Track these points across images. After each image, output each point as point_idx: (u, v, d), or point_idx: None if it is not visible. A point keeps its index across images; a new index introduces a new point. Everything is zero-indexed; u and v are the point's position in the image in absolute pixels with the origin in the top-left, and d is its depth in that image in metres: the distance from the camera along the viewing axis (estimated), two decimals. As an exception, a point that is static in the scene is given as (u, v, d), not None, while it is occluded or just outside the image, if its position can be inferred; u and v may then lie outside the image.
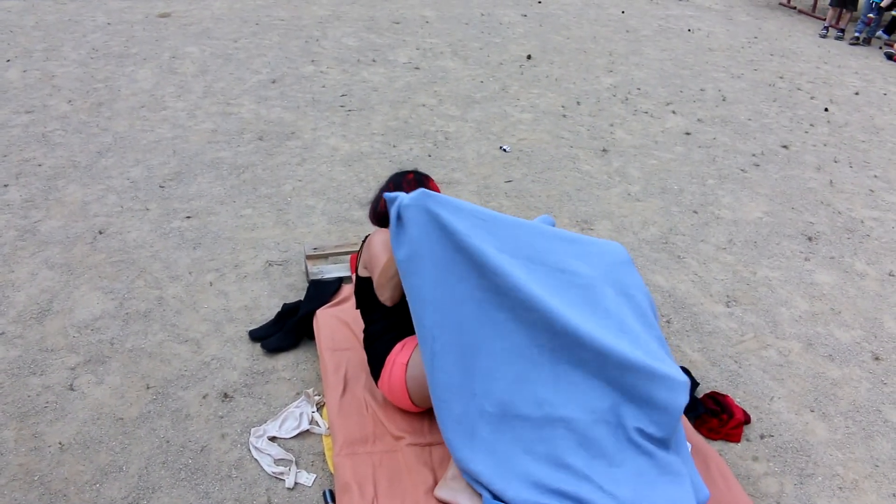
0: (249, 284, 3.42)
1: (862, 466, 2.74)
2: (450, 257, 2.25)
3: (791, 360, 3.27)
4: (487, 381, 2.23)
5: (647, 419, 2.18)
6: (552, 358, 2.22)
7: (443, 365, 2.23)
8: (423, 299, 2.26)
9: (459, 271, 2.24)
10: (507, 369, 2.23)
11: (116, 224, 3.80)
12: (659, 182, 4.84)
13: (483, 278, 2.23)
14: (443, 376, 2.23)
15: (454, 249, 2.24)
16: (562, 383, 2.22)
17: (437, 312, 2.24)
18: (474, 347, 2.23)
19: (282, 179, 4.39)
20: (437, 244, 2.25)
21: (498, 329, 2.23)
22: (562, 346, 2.21)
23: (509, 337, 2.23)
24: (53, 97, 5.29)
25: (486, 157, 4.97)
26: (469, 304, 2.24)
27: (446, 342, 2.23)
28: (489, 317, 2.24)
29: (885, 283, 3.92)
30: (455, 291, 2.24)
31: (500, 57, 7.16)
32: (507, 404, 2.22)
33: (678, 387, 2.18)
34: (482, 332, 2.24)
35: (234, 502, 2.36)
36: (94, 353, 2.94)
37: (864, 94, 7.14)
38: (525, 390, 2.22)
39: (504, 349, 2.23)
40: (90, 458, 2.48)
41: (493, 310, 2.24)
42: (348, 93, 5.83)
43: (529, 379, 2.22)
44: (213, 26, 7.24)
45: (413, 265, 2.28)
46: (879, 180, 5.18)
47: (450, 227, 2.24)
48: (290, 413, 2.69)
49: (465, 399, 2.23)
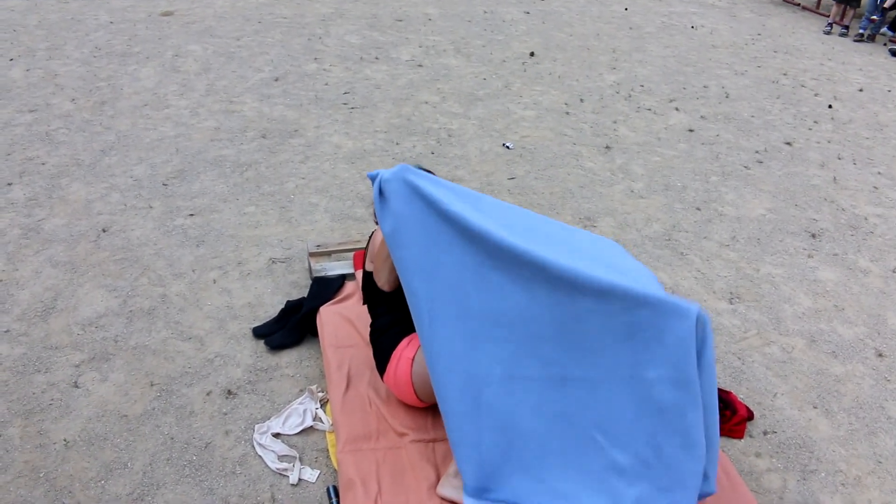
0: (253, 282, 3.43)
1: (865, 462, 2.74)
2: (435, 225, 2.21)
3: (794, 357, 3.27)
4: (490, 344, 2.19)
5: (662, 360, 2.04)
6: (553, 313, 2.13)
7: (441, 333, 2.20)
8: (413, 269, 2.23)
9: (446, 238, 2.20)
10: (509, 330, 2.17)
11: (120, 222, 3.81)
12: (662, 179, 4.83)
13: (471, 243, 2.17)
14: (443, 345, 2.20)
15: (438, 217, 2.20)
16: (566, 339, 2.14)
17: (428, 281, 2.21)
18: (472, 311, 2.19)
19: (285, 177, 4.40)
20: (420, 213, 2.22)
21: (494, 291, 2.16)
22: (562, 300, 2.10)
23: (509, 297, 2.16)
24: (56, 96, 5.30)
25: (489, 154, 4.97)
26: (461, 268, 2.19)
27: (442, 311, 2.20)
28: (485, 279, 2.17)
29: (888, 280, 3.91)
30: (444, 258, 2.20)
31: (503, 54, 7.15)
32: (513, 365, 2.18)
33: (688, 314, 2.02)
34: (479, 296, 2.18)
35: (239, 498, 2.37)
36: (98, 350, 2.95)
37: (868, 90, 7.12)
38: (530, 350, 2.17)
39: (503, 310, 2.17)
40: (95, 455, 2.49)
41: (487, 272, 2.17)
42: (351, 90, 5.84)
43: (533, 338, 2.16)
44: (215, 24, 7.25)
45: (399, 237, 2.26)
46: (883, 177, 5.17)
47: (431, 197, 2.20)
48: (294, 410, 2.70)
49: (469, 364, 2.20)
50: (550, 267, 2.07)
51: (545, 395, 2.17)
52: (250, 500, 2.37)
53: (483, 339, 2.19)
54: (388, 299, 2.58)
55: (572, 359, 2.14)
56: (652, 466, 2.08)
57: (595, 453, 2.15)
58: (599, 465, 2.14)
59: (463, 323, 2.20)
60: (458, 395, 2.19)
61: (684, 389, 2.03)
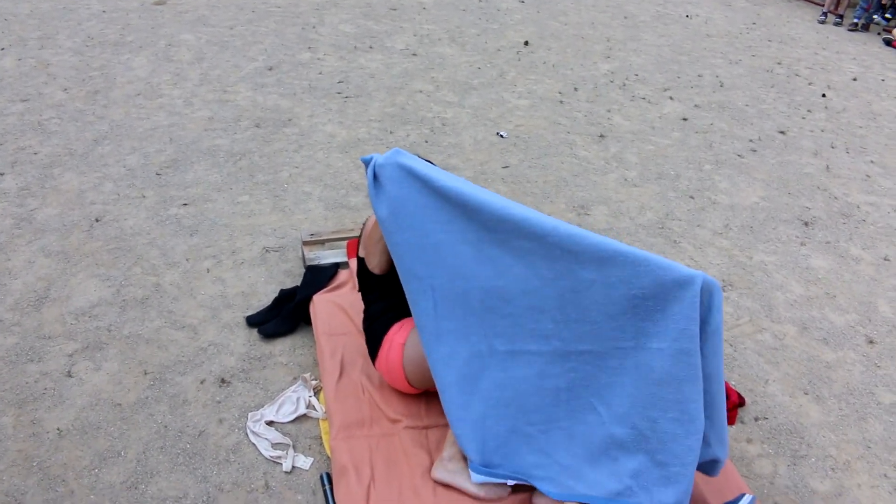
0: (246, 271, 3.43)
1: (854, 448, 2.76)
2: (432, 203, 2.20)
3: (786, 344, 3.29)
4: (494, 319, 2.19)
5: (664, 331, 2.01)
6: (554, 287, 2.11)
7: (447, 312, 2.21)
8: (413, 252, 2.23)
9: (444, 216, 2.19)
10: (510, 305, 2.17)
11: (113, 212, 3.81)
12: (656, 167, 4.84)
13: (470, 219, 2.16)
14: (449, 323, 2.21)
15: (434, 196, 2.19)
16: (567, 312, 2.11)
17: (430, 262, 2.21)
18: (474, 287, 2.19)
19: (279, 166, 4.40)
20: (416, 194, 2.21)
21: (496, 266, 2.16)
22: (562, 272, 2.08)
23: (508, 272, 2.15)
24: (49, 85, 5.28)
25: (483, 143, 4.97)
26: (461, 246, 2.18)
27: (446, 289, 2.21)
28: (485, 255, 2.16)
29: (879, 268, 3.93)
30: (443, 237, 2.19)
31: (498, 43, 7.14)
32: (515, 339, 2.19)
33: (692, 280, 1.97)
34: (481, 272, 2.17)
35: (232, 486, 2.38)
36: (91, 339, 2.96)
37: (861, 79, 7.13)
38: (531, 324, 2.16)
39: (504, 285, 2.16)
40: (88, 444, 2.49)
41: (486, 247, 2.16)
42: (345, 79, 5.82)
43: (534, 311, 2.15)
44: (208, 14, 7.22)
45: (397, 220, 2.25)
46: (876, 166, 5.18)
47: (426, 176, 2.19)
48: (288, 398, 2.71)
49: (473, 341, 2.21)
50: (550, 235, 2.05)
51: (547, 368, 2.18)
52: (244, 488, 2.38)
53: (485, 314, 2.20)
54: (382, 285, 2.58)
55: (573, 332, 2.13)
56: (649, 440, 2.09)
57: (597, 427, 2.16)
58: (600, 438, 2.15)
59: (465, 300, 2.20)
60: (459, 373, 2.21)
61: (683, 362, 2.01)
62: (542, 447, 2.21)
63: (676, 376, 2.02)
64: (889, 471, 2.68)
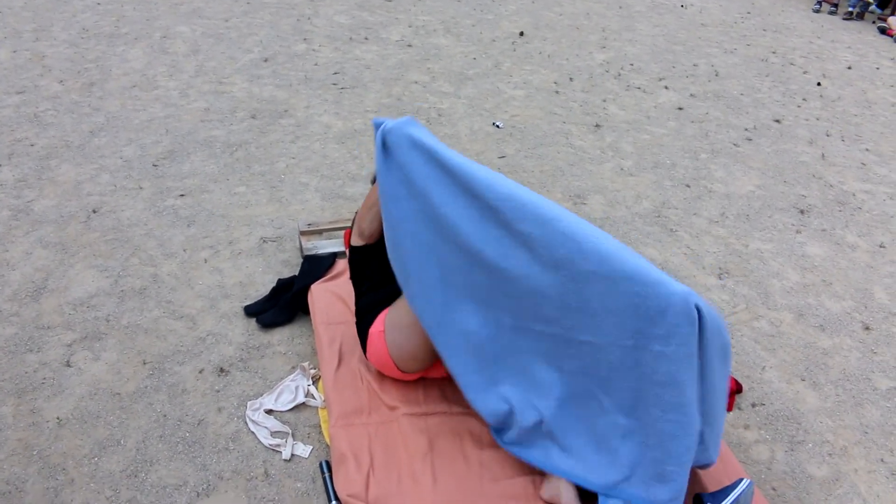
0: (244, 261, 3.43)
1: (851, 433, 2.78)
2: (438, 178, 2.19)
3: (782, 331, 3.30)
4: (498, 296, 2.20)
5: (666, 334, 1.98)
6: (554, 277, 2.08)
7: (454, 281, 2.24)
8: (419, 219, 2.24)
9: (450, 192, 2.18)
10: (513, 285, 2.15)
11: (110, 203, 3.80)
12: (652, 157, 4.84)
13: (476, 197, 2.14)
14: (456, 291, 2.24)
15: (442, 171, 2.19)
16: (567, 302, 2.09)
17: (436, 232, 2.22)
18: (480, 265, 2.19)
19: (275, 157, 4.39)
20: (423, 166, 2.21)
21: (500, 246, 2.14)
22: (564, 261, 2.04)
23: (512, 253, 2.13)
24: (44, 77, 5.26)
25: (479, 133, 4.97)
26: (466, 223, 2.17)
27: (451, 262, 2.22)
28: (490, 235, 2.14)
29: (875, 255, 3.95)
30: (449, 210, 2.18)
31: (493, 34, 7.13)
32: (522, 318, 2.20)
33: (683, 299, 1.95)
34: (486, 251, 2.15)
35: (232, 474, 2.39)
36: (90, 329, 2.96)
37: (856, 68, 7.14)
38: (533, 308, 2.16)
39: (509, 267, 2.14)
40: (88, 433, 2.50)
41: (492, 227, 2.13)
42: (341, 70, 5.81)
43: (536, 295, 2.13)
44: (203, 6, 7.19)
45: (405, 186, 2.25)
46: (871, 154, 5.20)
47: (434, 150, 2.19)
48: (286, 386, 2.71)
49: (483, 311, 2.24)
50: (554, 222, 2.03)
51: (553, 348, 2.18)
52: (243, 476, 2.39)
53: (491, 290, 2.21)
54: (373, 277, 2.58)
55: (574, 321, 2.10)
56: (648, 435, 2.10)
57: (601, 415, 2.17)
58: (602, 426, 2.17)
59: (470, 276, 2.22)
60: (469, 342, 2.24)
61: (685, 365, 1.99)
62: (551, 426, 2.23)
63: (677, 380, 2.00)
64: (885, 455, 2.70)
